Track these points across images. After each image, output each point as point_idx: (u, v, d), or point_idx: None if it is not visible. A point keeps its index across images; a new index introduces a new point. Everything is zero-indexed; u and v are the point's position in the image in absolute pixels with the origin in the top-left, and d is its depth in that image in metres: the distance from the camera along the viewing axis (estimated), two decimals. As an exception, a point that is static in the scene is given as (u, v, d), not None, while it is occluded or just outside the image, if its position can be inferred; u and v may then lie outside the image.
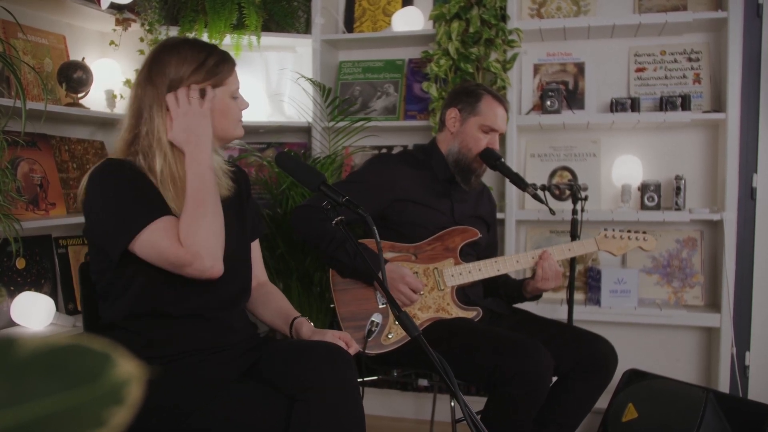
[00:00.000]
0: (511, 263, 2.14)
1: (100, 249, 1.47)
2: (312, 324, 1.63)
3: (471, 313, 2.08)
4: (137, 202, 1.41)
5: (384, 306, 2.05)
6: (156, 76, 1.48)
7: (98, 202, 1.44)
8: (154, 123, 1.46)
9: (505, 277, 2.28)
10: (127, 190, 1.42)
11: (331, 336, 1.53)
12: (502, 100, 2.20)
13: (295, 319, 1.63)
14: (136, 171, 1.45)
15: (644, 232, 2.26)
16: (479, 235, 2.15)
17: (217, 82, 1.51)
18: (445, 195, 2.23)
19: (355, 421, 1.36)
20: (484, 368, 1.86)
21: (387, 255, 2.10)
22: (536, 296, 2.25)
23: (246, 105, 1.60)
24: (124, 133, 1.50)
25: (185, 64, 1.48)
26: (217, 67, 1.50)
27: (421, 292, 2.07)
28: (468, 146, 2.18)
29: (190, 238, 1.38)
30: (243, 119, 1.61)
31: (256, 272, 1.73)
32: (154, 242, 1.39)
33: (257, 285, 1.73)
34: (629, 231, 2.26)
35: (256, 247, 1.75)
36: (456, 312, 2.08)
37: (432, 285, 2.09)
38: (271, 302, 1.70)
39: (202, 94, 1.49)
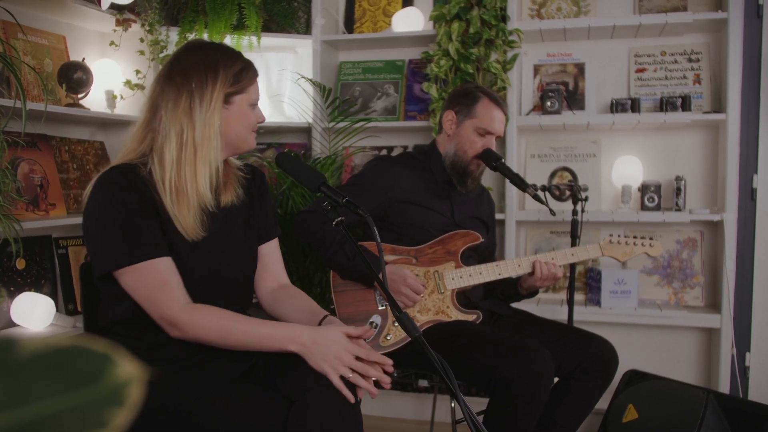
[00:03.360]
0: (512, 267, 2.13)
1: None
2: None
3: (471, 317, 2.08)
4: (134, 232, 1.38)
5: (383, 308, 2.05)
6: (177, 75, 1.46)
7: (94, 219, 1.41)
8: (170, 125, 1.44)
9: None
10: (126, 214, 1.39)
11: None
12: (500, 103, 2.18)
13: (325, 317, 1.55)
14: (138, 185, 1.42)
15: (651, 238, 2.24)
16: (481, 240, 2.15)
17: (240, 89, 1.49)
18: (445, 196, 2.23)
19: (352, 422, 1.36)
20: (485, 370, 1.85)
21: (387, 258, 2.10)
22: (532, 293, 2.24)
23: (263, 118, 1.57)
24: (137, 132, 1.48)
25: (210, 67, 1.46)
26: (241, 73, 1.49)
27: (423, 292, 2.06)
28: (464, 149, 2.17)
29: (199, 321, 1.38)
30: None
31: (276, 273, 1.68)
32: (142, 285, 1.38)
33: (279, 287, 1.67)
34: (635, 237, 2.23)
35: (274, 247, 1.69)
36: (456, 315, 2.07)
37: (432, 288, 2.09)
38: (298, 302, 1.63)
39: (227, 99, 1.47)
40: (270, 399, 1.36)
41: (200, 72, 1.45)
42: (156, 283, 1.38)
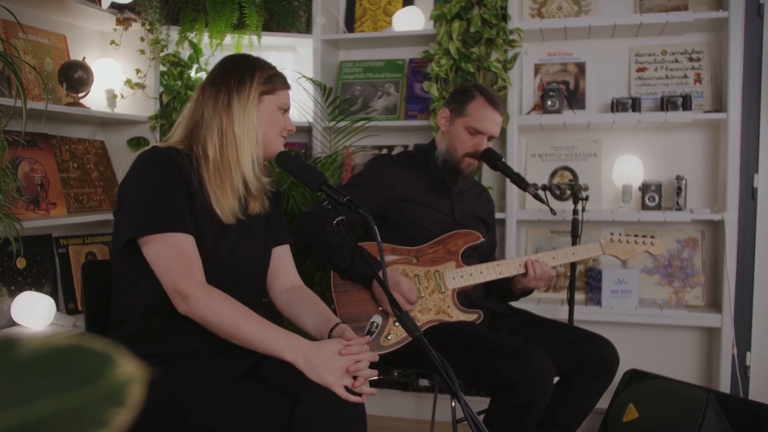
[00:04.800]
0: (513, 266, 2.13)
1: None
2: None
3: (472, 316, 2.08)
4: (167, 203, 1.44)
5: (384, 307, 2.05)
6: (217, 76, 1.60)
7: (133, 186, 1.47)
8: (211, 120, 1.55)
9: None
10: (162, 187, 1.45)
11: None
12: (495, 103, 2.14)
13: (336, 325, 1.57)
14: (179, 164, 1.48)
15: (652, 236, 2.23)
16: (482, 239, 2.14)
17: (270, 90, 1.60)
18: (445, 195, 2.23)
19: (356, 420, 1.36)
20: (485, 373, 1.85)
21: (388, 258, 2.10)
22: (526, 292, 2.23)
23: (292, 126, 1.68)
24: (181, 129, 1.59)
25: (248, 68, 1.60)
26: (273, 77, 1.61)
27: (413, 304, 2.04)
28: (454, 146, 2.17)
29: (213, 303, 1.40)
30: None
31: (289, 274, 1.74)
32: (165, 255, 1.42)
33: (292, 287, 1.72)
34: (636, 235, 2.23)
35: (286, 251, 1.75)
36: (456, 315, 2.07)
37: (433, 287, 2.09)
38: (311, 306, 1.67)
39: (259, 98, 1.58)
40: (274, 397, 1.37)
41: (238, 72, 1.58)
42: (177, 255, 1.41)
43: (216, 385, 1.41)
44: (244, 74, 1.58)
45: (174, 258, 1.41)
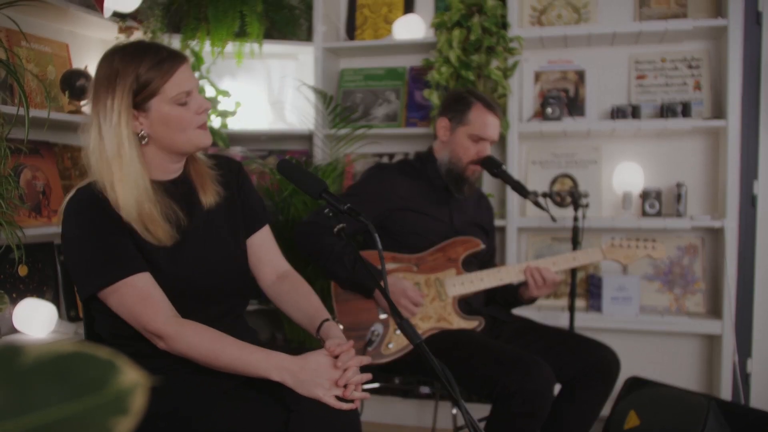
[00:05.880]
0: (513, 273, 2.13)
1: None
2: (341, 327, 1.53)
3: (472, 323, 2.08)
4: (106, 253, 1.36)
5: (384, 317, 2.05)
6: (91, 92, 1.40)
7: (70, 246, 1.40)
8: (90, 144, 1.39)
9: None
10: (96, 236, 1.37)
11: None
12: (493, 108, 2.16)
13: (323, 322, 1.52)
14: (104, 204, 1.38)
15: (653, 240, 2.23)
16: (482, 246, 2.15)
17: (150, 93, 1.37)
18: (444, 203, 2.23)
19: (350, 428, 1.35)
20: (486, 383, 1.85)
21: (389, 266, 2.10)
22: (532, 300, 2.23)
23: (203, 106, 1.43)
24: (84, 156, 1.44)
25: (110, 79, 1.36)
26: (147, 74, 1.36)
27: (422, 305, 2.06)
28: (458, 155, 2.17)
29: (186, 338, 1.34)
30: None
31: (274, 263, 1.64)
32: (124, 303, 1.36)
33: (277, 277, 1.64)
34: (637, 239, 2.23)
35: (266, 237, 1.64)
36: (457, 322, 2.07)
37: (433, 295, 2.09)
38: (296, 301, 1.59)
39: (141, 107, 1.38)
40: (269, 407, 1.36)
41: (101, 87, 1.37)
42: (137, 300, 1.35)
43: (212, 394, 1.40)
44: (106, 90, 1.35)
45: (133, 303, 1.35)
